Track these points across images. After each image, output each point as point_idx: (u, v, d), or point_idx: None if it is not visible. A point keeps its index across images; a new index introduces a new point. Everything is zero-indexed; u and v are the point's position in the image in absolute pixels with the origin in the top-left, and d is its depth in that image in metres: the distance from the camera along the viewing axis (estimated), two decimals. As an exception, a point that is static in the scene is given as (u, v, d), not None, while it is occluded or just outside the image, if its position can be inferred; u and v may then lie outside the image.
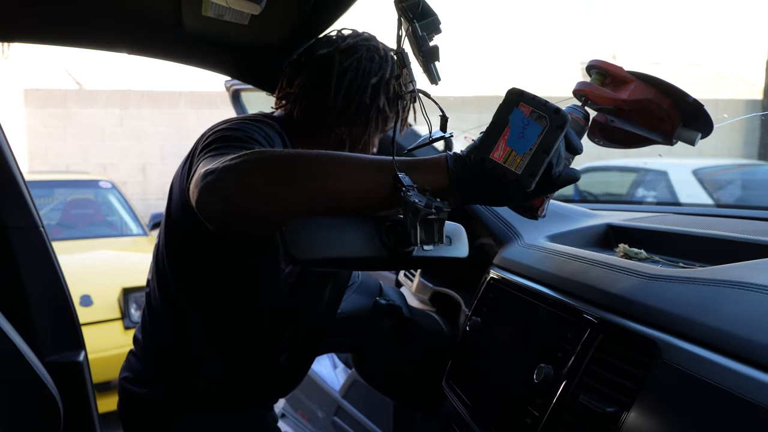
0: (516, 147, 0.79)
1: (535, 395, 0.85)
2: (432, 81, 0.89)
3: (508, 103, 0.80)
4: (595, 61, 1.07)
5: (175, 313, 1.23)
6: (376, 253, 0.86)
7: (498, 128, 0.80)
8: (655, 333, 0.71)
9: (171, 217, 1.22)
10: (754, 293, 0.65)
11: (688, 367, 0.65)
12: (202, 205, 0.82)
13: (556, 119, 0.78)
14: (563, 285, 0.94)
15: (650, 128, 1.04)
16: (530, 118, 0.79)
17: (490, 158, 0.79)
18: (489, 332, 1.09)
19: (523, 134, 0.79)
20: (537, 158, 0.79)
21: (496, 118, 0.80)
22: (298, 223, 0.81)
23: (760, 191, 5.42)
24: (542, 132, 0.78)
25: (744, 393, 0.58)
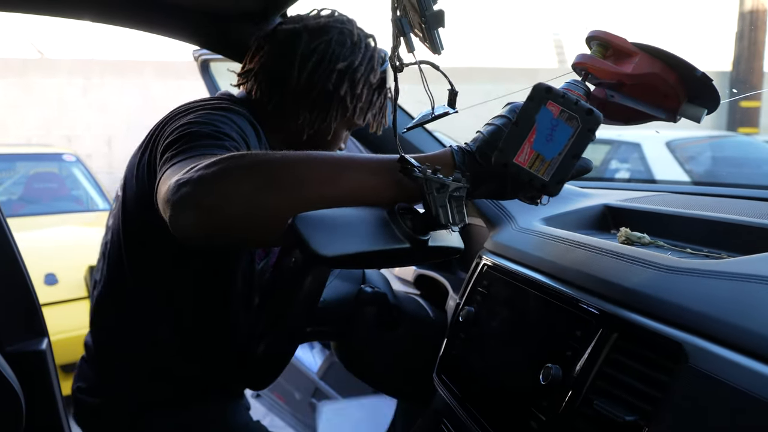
0: (543, 151, 0.71)
1: (542, 397, 0.79)
2: (434, 50, 0.81)
3: (534, 101, 0.72)
4: (596, 31, 0.99)
5: (134, 313, 1.14)
6: (398, 244, 0.77)
7: (523, 129, 0.72)
8: (680, 334, 0.65)
9: (127, 212, 1.11)
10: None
11: (720, 373, 0.59)
12: (180, 222, 0.71)
13: (589, 121, 0.71)
14: (567, 275, 0.87)
15: (654, 104, 0.97)
16: (559, 118, 0.71)
17: (514, 162, 0.72)
18: (484, 324, 1.02)
19: (552, 137, 0.71)
20: (566, 164, 0.71)
21: (521, 117, 0.72)
22: (314, 216, 0.72)
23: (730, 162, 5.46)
24: (573, 135, 0.71)
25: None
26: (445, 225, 0.74)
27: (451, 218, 0.74)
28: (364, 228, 0.78)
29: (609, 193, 1.26)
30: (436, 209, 0.74)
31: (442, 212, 0.74)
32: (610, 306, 0.76)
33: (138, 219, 1.09)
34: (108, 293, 1.17)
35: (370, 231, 0.79)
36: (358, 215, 0.80)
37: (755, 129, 9.00)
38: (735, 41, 9.33)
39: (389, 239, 0.79)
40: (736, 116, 9.11)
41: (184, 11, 1.48)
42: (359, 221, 0.78)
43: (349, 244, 0.75)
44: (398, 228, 0.78)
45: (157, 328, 1.13)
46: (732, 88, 9.27)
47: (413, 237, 0.79)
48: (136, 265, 1.12)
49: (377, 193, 0.76)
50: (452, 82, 0.82)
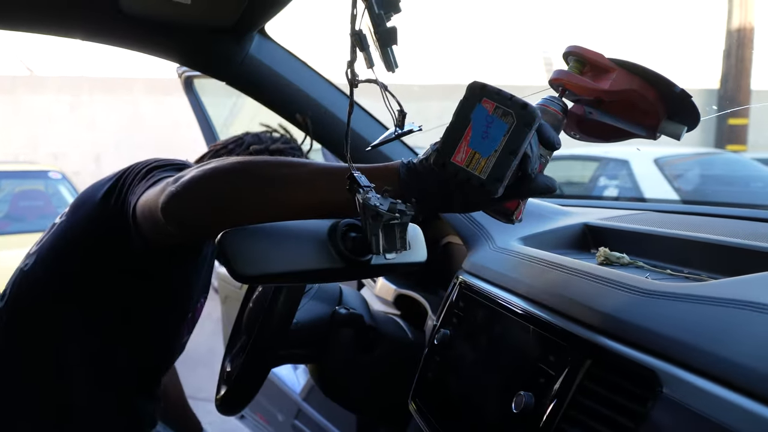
0: (479, 149, 0.70)
1: (514, 427, 0.75)
2: (388, 68, 0.79)
3: (469, 99, 0.71)
4: (572, 47, 0.97)
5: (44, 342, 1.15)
6: (332, 264, 0.76)
7: (459, 128, 0.70)
8: (655, 361, 0.62)
9: (70, 238, 1.16)
10: (767, 316, 0.56)
11: (695, 404, 0.56)
12: (173, 206, 0.81)
13: (524, 116, 0.69)
14: (543, 298, 0.84)
15: (633, 121, 0.95)
16: (494, 115, 0.70)
17: (452, 162, 0.70)
18: (459, 348, 0.99)
19: (487, 134, 0.69)
20: (503, 161, 0.69)
21: (456, 116, 0.71)
22: (238, 234, 0.71)
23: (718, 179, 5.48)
24: (508, 131, 0.69)
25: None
26: (377, 253, 0.72)
27: (382, 247, 0.72)
28: (297, 247, 0.77)
29: (590, 212, 1.24)
30: (370, 236, 0.72)
31: (374, 240, 0.72)
32: (585, 331, 0.73)
33: (88, 246, 1.14)
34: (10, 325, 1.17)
35: (302, 250, 0.77)
36: (295, 232, 0.78)
37: (743, 146, 9.06)
38: (722, 59, 9.42)
39: (322, 259, 0.77)
40: (724, 133, 9.18)
41: (162, 27, 1.46)
42: (294, 239, 0.77)
43: (274, 263, 0.74)
44: (335, 248, 0.76)
45: (67, 358, 1.14)
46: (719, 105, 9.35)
47: (349, 258, 0.78)
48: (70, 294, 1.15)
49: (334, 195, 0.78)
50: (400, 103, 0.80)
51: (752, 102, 9.28)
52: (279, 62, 1.59)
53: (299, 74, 1.62)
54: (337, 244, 0.76)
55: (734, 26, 9.23)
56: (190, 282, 1.25)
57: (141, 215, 0.96)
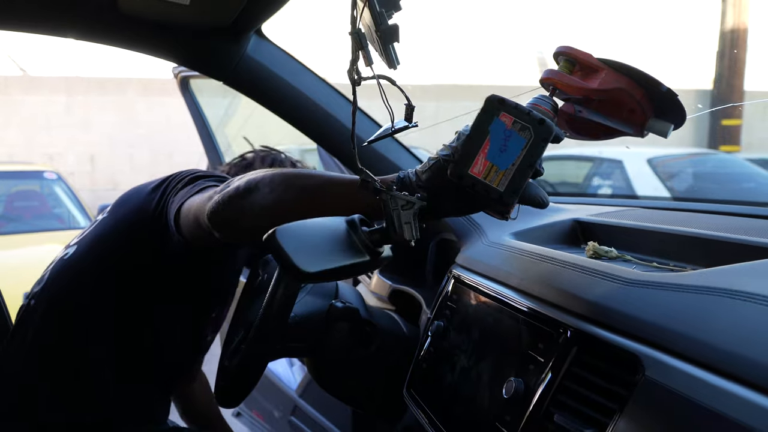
0: (497, 161, 0.72)
1: (505, 411, 0.78)
2: (390, 65, 0.81)
3: (487, 112, 0.73)
4: (563, 47, 1.00)
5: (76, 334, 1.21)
6: (361, 257, 0.79)
7: (477, 140, 0.73)
8: (638, 346, 0.65)
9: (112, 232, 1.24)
10: (748, 303, 0.59)
11: (675, 386, 0.58)
12: (220, 214, 0.90)
13: (542, 131, 0.72)
14: (533, 289, 0.87)
15: (620, 119, 0.98)
16: (513, 129, 0.72)
17: (470, 174, 0.72)
18: (453, 338, 1.02)
19: (506, 147, 0.72)
20: (521, 174, 0.72)
21: (474, 129, 0.73)
22: (290, 233, 0.74)
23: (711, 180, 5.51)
24: (526, 145, 0.72)
25: (738, 417, 0.52)
26: (408, 240, 0.75)
27: (415, 234, 0.75)
28: (333, 242, 0.80)
29: (580, 208, 1.27)
30: (401, 226, 0.75)
31: (407, 228, 0.75)
32: (572, 319, 0.76)
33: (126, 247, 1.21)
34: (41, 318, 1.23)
35: (338, 245, 0.80)
36: (324, 228, 0.81)
37: (737, 147, 9.11)
38: (716, 60, 9.47)
39: (354, 254, 0.80)
40: (717, 134, 9.22)
41: (159, 27, 1.48)
42: (326, 234, 0.80)
43: (327, 260, 0.77)
44: (359, 239, 0.79)
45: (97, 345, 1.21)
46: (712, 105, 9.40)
47: (373, 250, 0.80)
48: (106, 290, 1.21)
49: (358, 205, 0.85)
50: (409, 97, 0.83)
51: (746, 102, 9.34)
52: (275, 62, 1.62)
53: (295, 74, 1.64)
54: (361, 237, 0.78)
55: (728, 27, 9.28)
56: (216, 282, 1.33)
57: (184, 219, 1.05)
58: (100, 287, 1.22)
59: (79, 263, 1.25)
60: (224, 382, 1.20)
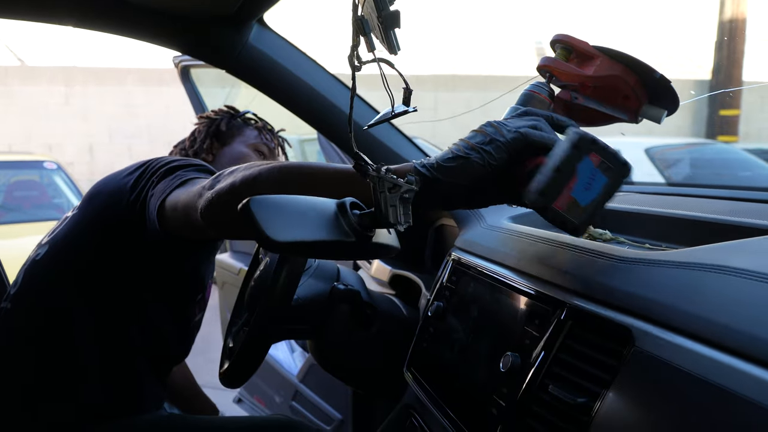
0: (580, 197, 0.75)
1: (501, 385, 0.81)
2: (391, 51, 0.83)
3: (579, 150, 0.75)
4: (559, 35, 1.03)
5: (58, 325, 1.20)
6: (345, 237, 0.81)
7: (565, 176, 0.75)
8: (629, 320, 0.68)
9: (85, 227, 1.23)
10: (733, 277, 0.62)
11: (665, 355, 0.62)
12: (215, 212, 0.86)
13: (623, 172, 0.76)
14: (529, 269, 0.90)
15: (615, 106, 1.01)
16: (598, 168, 0.75)
17: (553, 207, 0.75)
18: (451, 318, 1.05)
19: (590, 186, 0.75)
20: (597, 209, 0.76)
21: (563, 165, 0.75)
22: (264, 202, 0.75)
23: (708, 169, 5.54)
24: (607, 184, 0.76)
25: (723, 383, 0.55)
26: (393, 224, 0.77)
27: (399, 218, 0.77)
28: (315, 218, 0.82)
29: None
30: (386, 208, 0.78)
31: (392, 212, 0.77)
32: (567, 296, 0.79)
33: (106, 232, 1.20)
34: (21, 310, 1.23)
35: (321, 221, 0.82)
36: (309, 205, 0.83)
37: (734, 137, 9.13)
38: (714, 50, 9.46)
39: (337, 231, 0.82)
40: (715, 124, 9.24)
41: (162, 15, 1.50)
42: (310, 210, 0.82)
43: (300, 231, 0.78)
44: (346, 221, 0.81)
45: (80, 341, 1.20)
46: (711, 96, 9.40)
47: (360, 232, 0.83)
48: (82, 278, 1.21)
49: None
50: (407, 81, 0.85)
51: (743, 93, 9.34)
52: (277, 51, 1.64)
53: (297, 62, 1.66)
54: (348, 218, 0.80)
55: (726, 18, 9.27)
56: (202, 267, 1.33)
57: (171, 214, 1.01)
58: (77, 285, 1.21)
59: (51, 263, 1.24)
60: (229, 364, 1.23)
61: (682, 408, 0.58)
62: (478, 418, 0.85)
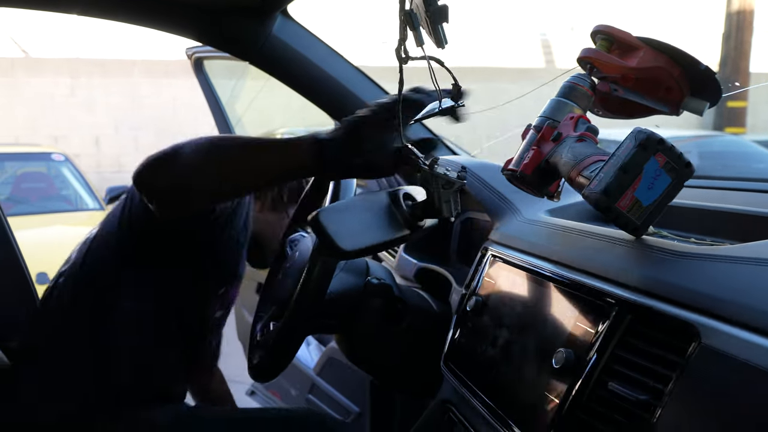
0: (642, 197, 0.75)
1: (555, 381, 0.80)
2: (438, 44, 0.83)
3: (646, 150, 0.75)
4: (601, 26, 1.01)
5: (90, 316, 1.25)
6: (401, 232, 0.84)
7: (631, 176, 0.75)
8: (693, 316, 0.67)
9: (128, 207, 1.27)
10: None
11: (731, 351, 0.61)
12: (145, 177, 0.89)
13: (686, 173, 0.76)
14: (577, 263, 0.89)
15: (657, 98, 1.00)
16: (663, 168, 0.75)
17: (616, 207, 0.75)
18: (493, 313, 1.04)
19: (653, 185, 0.75)
20: (658, 210, 0.76)
21: (629, 164, 0.74)
22: (332, 212, 0.78)
23: (720, 161, 5.52)
24: (670, 185, 0.75)
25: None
26: (447, 217, 0.79)
27: (452, 211, 0.79)
28: (375, 218, 0.83)
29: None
30: (440, 203, 0.79)
31: (446, 207, 0.79)
32: (622, 291, 0.78)
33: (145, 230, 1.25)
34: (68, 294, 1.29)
35: (380, 221, 0.83)
36: (366, 204, 0.84)
37: (742, 129, 9.11)
38: (722, 42, 9.43)
39: (395, 229, 0.84)
40: (723, 116, 9.22)
41: (183, 5, 1.49)
42: (368, 211, 0.83)
43: (366, 237, 0.80)
44: (400, 213, 0.82)
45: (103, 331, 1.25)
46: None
47: (414, 225, 0.84)
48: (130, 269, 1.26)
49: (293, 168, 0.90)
50: (456, 78, 0.85)
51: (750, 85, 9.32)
52: (301, 42, 1.63)
53: (320, 54, 1.65)
54: (403, 212, 0.82)
55: (733, 9, 9.22)
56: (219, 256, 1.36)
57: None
58: (122, 265, 1.26)
59: (100, 240, 1.31)
60: (260, 358, 1.22)
61: (752, 403, 0.58)
62: (530, 414, 0.84)
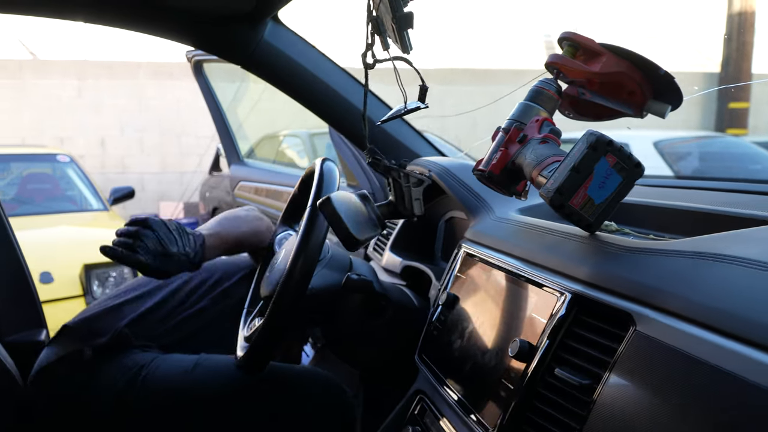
0: (594, 195, 0.80)
1: (510, 369, 0.86)
2: (404, 50, 0.88)
3: (596, 151, 0.80)
4: (567, 32, 1.06)
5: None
6: (377, 230, 0.90)
7: (582, 176, 0.80)
8: (631, 305, 0.72)
9: None
10: (730, 265, 0.65)
11: (664, 338, 0.65)
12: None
13: (636, 173, 0.81)
14: (538, 259, 0.94)
15: (621, 101, 1.04)
16: (613, 168, 0.80)
17: (569, 205, 0.80)
18: (463, 306, 1.09)
19: (604, 184, 0.80)
20: (610, 207, 0.81)
21: (581, 165, 0.80)
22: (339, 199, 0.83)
23: (718, 162, 5.53)
24: (621, 183, 0.80)
25: (720, 364, 0.59)
26: (417, 215, 0.84)
27: (421, 209, 0.84)
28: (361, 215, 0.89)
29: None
30: (411, 201, 0.84)
31: (416, 204, 0.84)
32: (572, 283, 0.83)
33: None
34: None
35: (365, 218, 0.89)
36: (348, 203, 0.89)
37: (744, 130, 9.09)
38: (723, 43, 9.42)
39: (374, 227, 0.89)
40: (724, 117, 9.21)
41: (176, 11, 1.53)
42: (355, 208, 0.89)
43: (367, 230, 0.87)
44: (375, 214, 0.87)
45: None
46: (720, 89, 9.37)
47: (384, 224, 0.89)
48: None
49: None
50: (424, 79, 0.89)
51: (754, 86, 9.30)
52: (292, 47, 1.68)
53: (311, 59, 1.70)
54: (376, 212, 0.87)
55: (735, 10, 9.22)
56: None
57: None
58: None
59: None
60: (245, 353, 1.27)
61: (680, 388, 0.62)
62: (487, 401, 0.89)
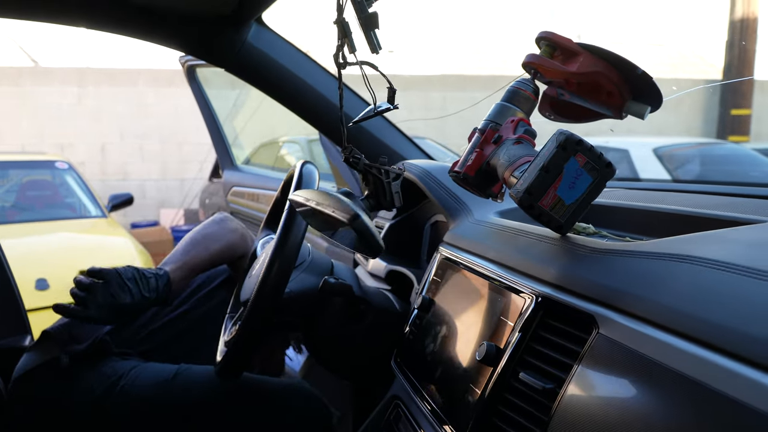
0: (565, 196, 0.78)
1: (477, 373, 0.84)
2: (372, 50, 0.87)
3: (565, 151, 0.78)
4: (544, 32, 1.05)
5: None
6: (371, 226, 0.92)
7: (552, 176, 0.78)
8: (595, 308, 0.70)
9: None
10: (695, 266, 0.64)
11: (626, 342, 0.64)
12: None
13: (607, 173, 0.79)
14: (508, 261, 0.92)
15: (599, 102, 1.03)
16: (583, 168, 0.78)
17: (539, 205, 0.78)
18: (438, 311, 1.07)
19: (575, 185, 0.78)
20: (581, 208, 0.79)
21: (550, 164, 0.78)
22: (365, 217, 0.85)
23: (716, 167, 5.52)
24: (592, 184, 0.78)
25: (680, 368, 0.57)
26: (398, 207, 0.85)
27: (401, 201, 0.85)
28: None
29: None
30: (391, 194, 0.85)
31: (397, 197, 0.85)
32: (539, 285, 0.81)
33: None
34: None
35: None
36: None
37: (746, 137, 9.07)
38: (725, 50, 9.42)
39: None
40: (726, 124, 9.19)
41: (162, 15, 1.53)
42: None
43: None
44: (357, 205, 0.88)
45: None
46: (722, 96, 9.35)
47: (371, 218, 0.90)
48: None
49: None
50: (391, 81, 0.89)
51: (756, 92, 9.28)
52: (276, 49, 1.67)
53: (295, 61, 1.69)
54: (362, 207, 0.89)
55: (737, 17, 9.21)
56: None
57: None
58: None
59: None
60: (224, 356, 1.26)
61: (641, 393, 0.60)
62: (456, 406, 0.87)
